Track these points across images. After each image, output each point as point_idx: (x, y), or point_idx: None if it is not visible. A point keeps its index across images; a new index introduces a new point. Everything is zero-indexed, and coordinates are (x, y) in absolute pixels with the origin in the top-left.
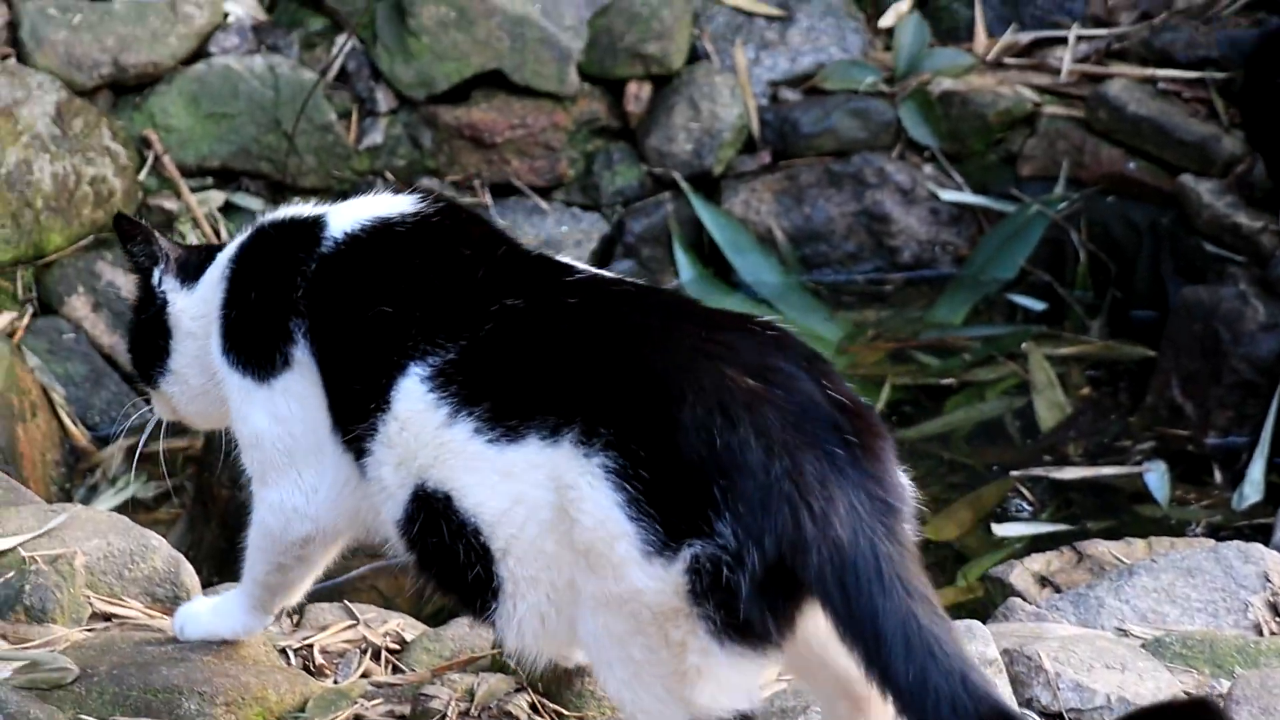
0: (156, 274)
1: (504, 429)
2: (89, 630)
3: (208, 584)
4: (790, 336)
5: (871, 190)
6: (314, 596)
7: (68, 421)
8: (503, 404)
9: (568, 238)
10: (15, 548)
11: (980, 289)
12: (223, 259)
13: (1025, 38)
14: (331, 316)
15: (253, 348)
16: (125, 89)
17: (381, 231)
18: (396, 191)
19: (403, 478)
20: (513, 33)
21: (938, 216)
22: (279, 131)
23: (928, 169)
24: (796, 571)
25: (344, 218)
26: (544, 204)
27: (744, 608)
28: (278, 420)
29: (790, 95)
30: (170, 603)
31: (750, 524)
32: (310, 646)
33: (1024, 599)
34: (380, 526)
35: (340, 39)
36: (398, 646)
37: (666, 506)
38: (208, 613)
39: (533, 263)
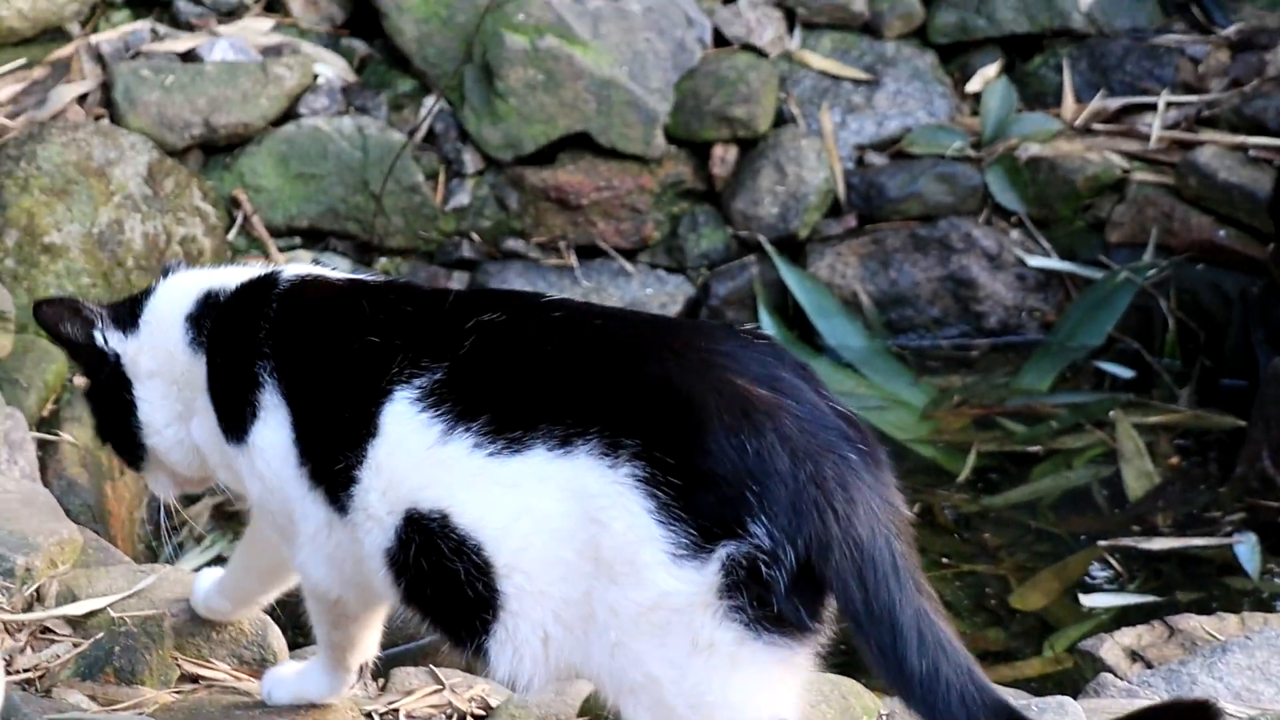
0: (98, 336)
1: (506, 441)
2: (177, 692)
3: (294, 646)
4: (779, 346)
5: (958, 255)
6: (399, 660)
7: None
8: (503, 416)
9: (653, 300)
10: (105, 608)
11: (1067, 356)
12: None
13: (1114, 104)
14: (297, 357)
15: (228, 406)
16: (215, 149)
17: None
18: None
19: (392, 503)
20: (600, 95)
21: (1024, 282)
22: (366, 192)
23: (1014, 234)
24: (820, 568)
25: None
26: (629, 266)
27: (779, 601)
28: (263, 479)
29: (876, 159)
30: (257, 665)
31: (784, 525)
32: (395, 711)
33: (1115, 674)
34: (359, 566)
35: (428, 100)
36: (483, 712)
37: (698, 512)
38: (294, 676)
39: (497, 293)
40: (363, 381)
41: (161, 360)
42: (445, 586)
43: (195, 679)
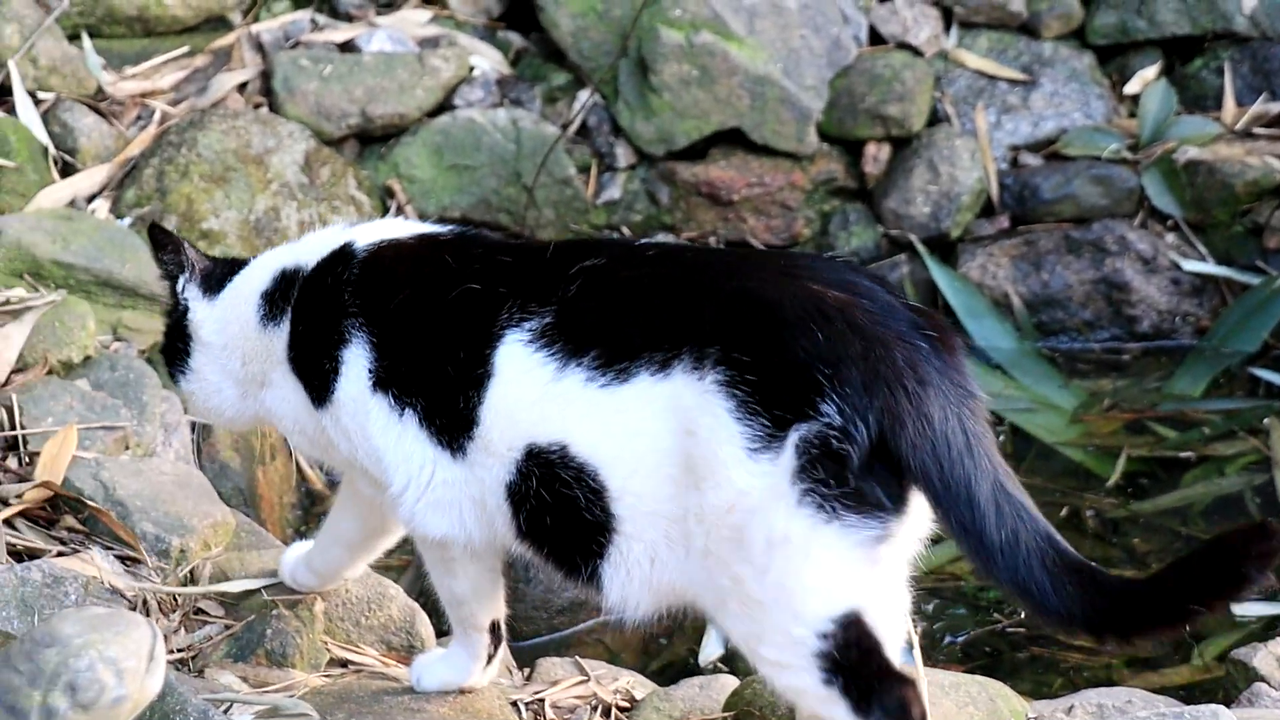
0: (181, 282)
1: (615, 372)
2: (326, 676)
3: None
4: (857, 264)
5: (1112, 258)
6: (543, 650)
7: (304, 464)
8: (610, 350)
9: None
10: (259, 590)
11: (1221, 361)
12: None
13: (1276, 108)
14: (389, 312)
15: (314, 371)
16: (371, 139)
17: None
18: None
19: (511, 440)
20: (753, 91)
21: (1179, 286)
22: (519, 184)
23: (1170, 238)
24: (894, 445)
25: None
26: None
27: (854, 476)
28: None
29: (1031, 160)
30: (405, 651)
31: (856, 402)
32: (541, 701)
33: (1269, 684)
34: (472, 505)
35: (582, 94)
36: (628, 704)
37: (772, 402)
38: (441, 663)
39: (594, 240)
40: (472, 328)
41: (229, 334)
42: (564, 514)
43: (344, 663)
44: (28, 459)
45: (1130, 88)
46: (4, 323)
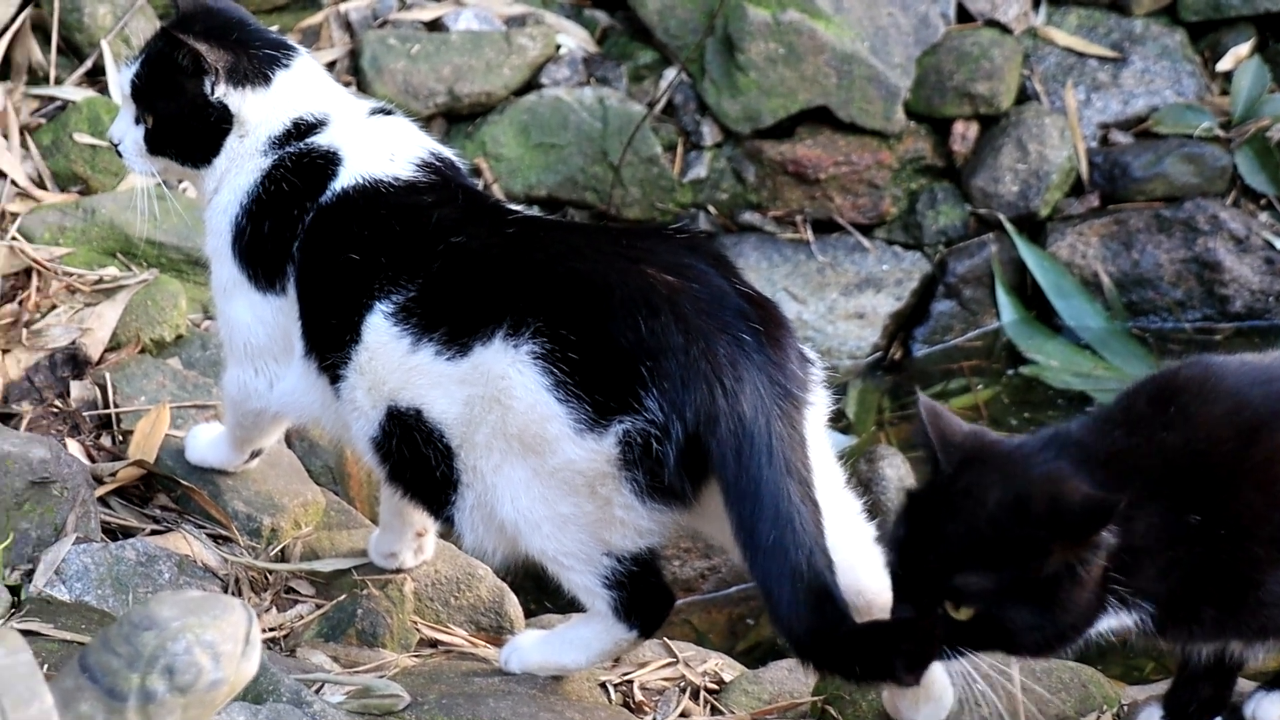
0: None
1: (458, 347)
2: (416, 656)
3: (529, 613)
4: (700, 239)
5: (1203, 237)
6: None
7: None
8: (455, 326)
9: (888, 276)
10: (349, 569)
11: None
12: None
13: None
14: (315, 260)
15: (261, 264)
16: (459, 118)
17: (370, 192)
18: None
19: (375, 400)
20: (840, 70)
21: (1272, 266)
22: (605, 162)
23: (1263, 217)
24: (706, 441)
25: (349, 172)
26: (865, 241)
27: (668, 475)
28: (258, 321)
29: (1121, 138)
30: (493, 632)
31: (674, 398)
32: (630, 683)
33: None
34: (346, 438)
35: (669, 72)
36: (716, 686)
37: (594, 387)
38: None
39: (480, 208)
40: (348, 294)
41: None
42: (422, 468)
43: (434, 643)
44: (121, 437)
45: (1222, 65)
46: (97, 302)
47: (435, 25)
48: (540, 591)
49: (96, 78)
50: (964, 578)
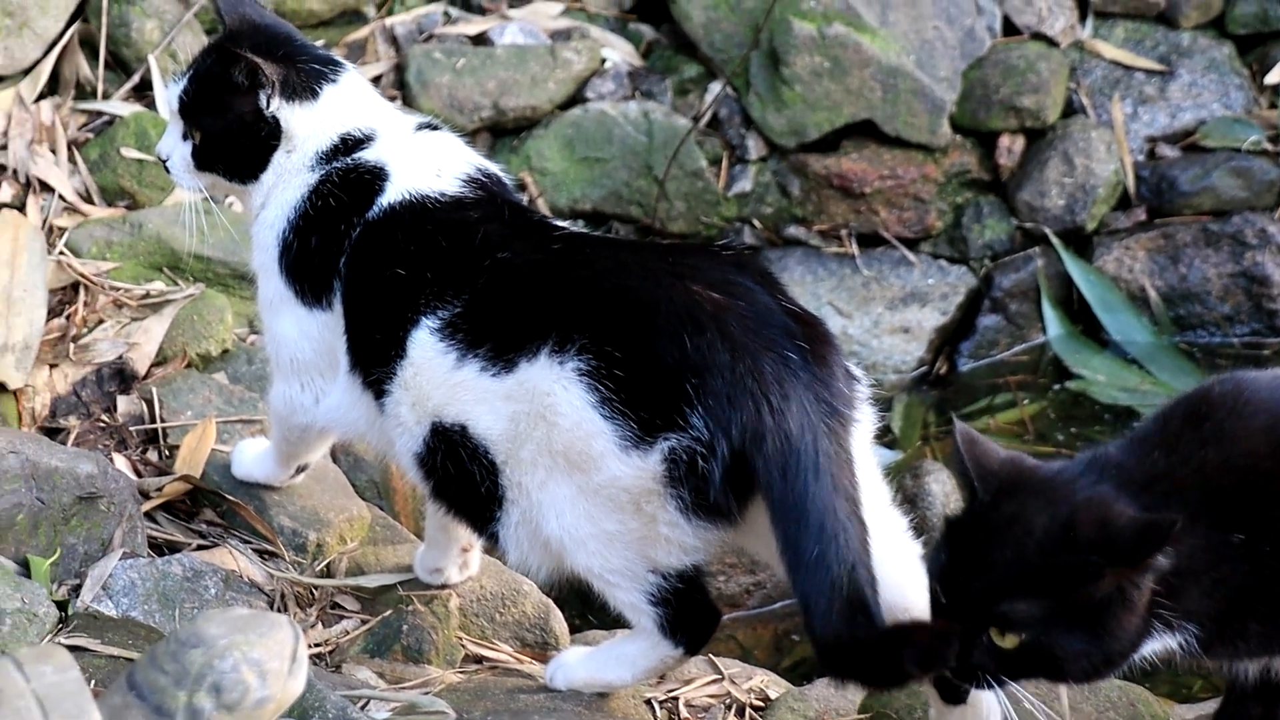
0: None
1: (503, 363)
2: (462, 673)
3: (574, 629)
4: (748, 256)
5: (1252, 251)
6: None
7: None
8: (500, 342)
9: (934, 290)
10: (395, 585)
11: None
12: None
13: None
14: (361, 275)
15: (307, 279)
16: (504, 131)
17: (416, 208)
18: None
19: (419, 415)
20: (886, 83)
21: None
22: (650, 176)
23: None
24: (752, 458)
25: (395, 187)
26: (911, 255)
27: (713, 492)
28: (305, 336)
29: (1168, 152)
30: (538, 648)
31: (720, 415)
32: (675, 700)
33: None
34: (391, 454)
35: (713, 86)
36: (761, 704)
37: (640, 404)
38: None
39: (526, 224)
40: (394, 309)
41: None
42: (466, 484)
43: (479, 659)
44: (167, 452)
45: (1271, 78)
46: (144, 316)
47: (480, 39)
48: (586, 607)
49: (144, 92)
50: (1011, 604)
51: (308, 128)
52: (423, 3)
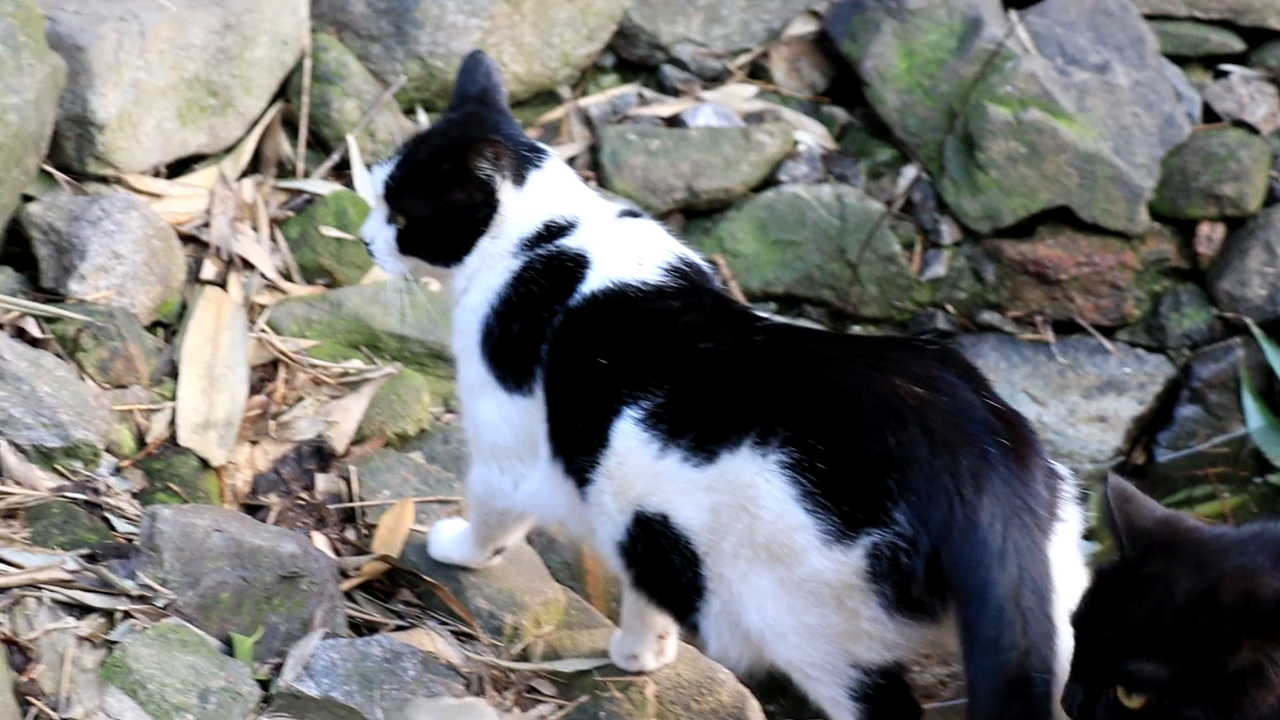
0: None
1: (705, 453)
2: None
3: (770, 718)
4: (951, 351)
5: None
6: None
7: None
8: (702, 432)
9: (1131, 379)
10: (591, 670)
11: None
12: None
13: None
14: (563, 363)
15: (509, 365)
16: (696, 213)
17: (618, 296)
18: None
19: (622, 504)
20: (1082, 169)
21: None
22: (842, 260)
23: None
24: (942, 552)
25: (598, 275)
26: (1107, 343)
27: (916, 588)
28: (505, 421)
29: None
30: None
31: (922, 512)
32: None
33: None
34: (591, 540)
35: (907, 170)
36: None
37: (843, 498)
38: None
39: (727, 314)
40: (597, 398)
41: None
42: (668, 574)
43: None
44: (365, 531)
45: None
46: (343, 394)
47: (674, 121)
48: (782, 697)
49: (343, 171)
50: (1139, 664)
51: (515, 214)
52: (617, 84)
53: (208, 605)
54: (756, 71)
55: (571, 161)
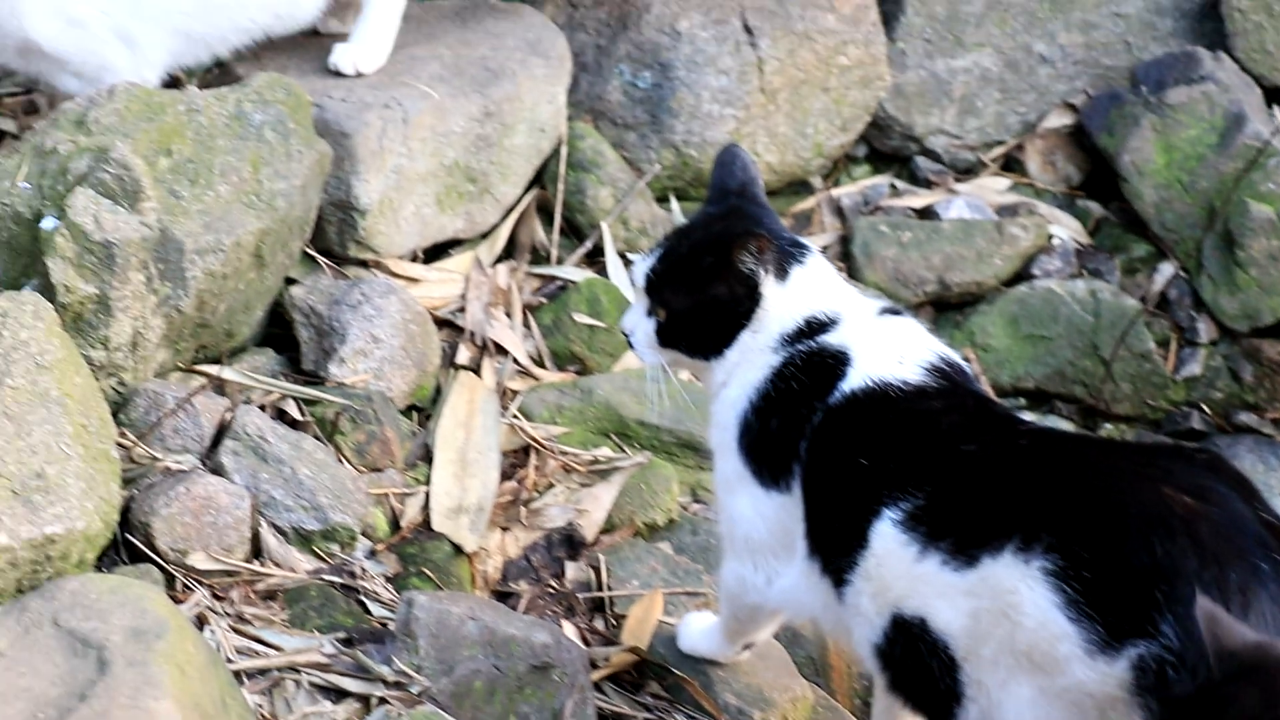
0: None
1: (966, 557)
2: None
3: None
4: (1222, 460)
5: None
6: None
7: None
8: (963, 536)
9: None
10: None
11: None
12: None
13: None
14: (823, 462)
15: (767, 461)
16: (947, 306)
17: (879, 396)
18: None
19: (879, 606)
20: None
21: None
22: (1095, 356)
23: None
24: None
25: (858, 373)
26: None
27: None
28: (760, 517)
29: None
30: None
31: (1190, 625)
32: None
33: None
34: (845, 640)
35: (1164, 266)
36: None
37: (1108, 608)
38: None
39: (990, 416)
40: (856, 499)
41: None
42: (925, 679)
43: None
44: (614, 621)
45: None
46: (592, 482)
47: (926, 213)
48: None
49: (595, 258)
50: None
51: (776, 309)
52: (869, 174)
53: (461, 693)
54: (1010, 164)
55: (823, 251)
